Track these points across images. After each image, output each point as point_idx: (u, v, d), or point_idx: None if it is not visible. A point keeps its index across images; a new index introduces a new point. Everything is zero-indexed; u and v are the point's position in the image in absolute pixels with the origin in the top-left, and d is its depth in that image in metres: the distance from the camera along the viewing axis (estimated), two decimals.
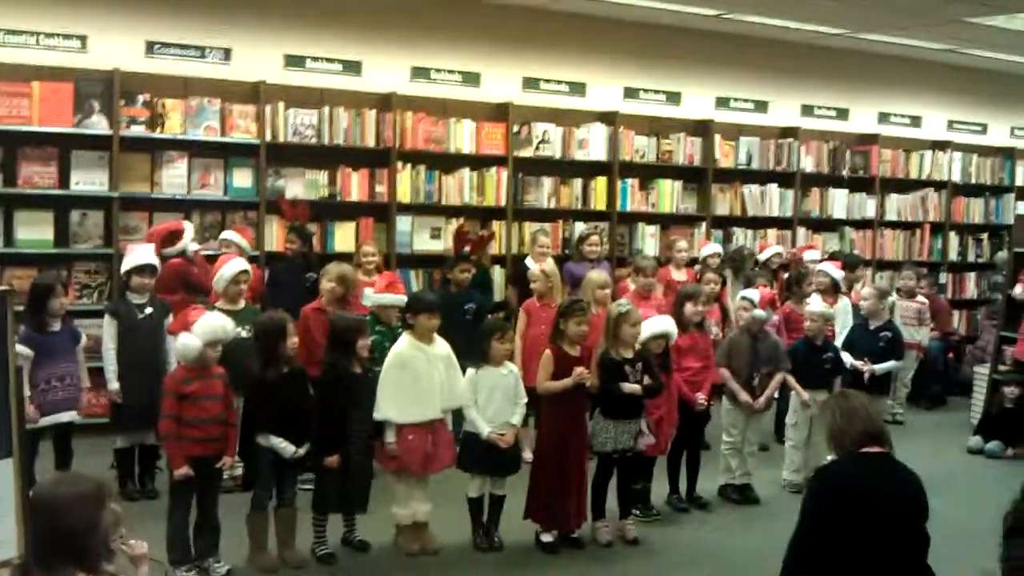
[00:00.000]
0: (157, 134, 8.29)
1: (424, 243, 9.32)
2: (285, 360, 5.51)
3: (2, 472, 2.73)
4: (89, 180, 8.07)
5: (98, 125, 8.05)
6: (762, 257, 9.79)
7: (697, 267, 9.07)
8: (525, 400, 6.03)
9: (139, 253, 6.72)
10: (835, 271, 8.81)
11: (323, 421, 5.63)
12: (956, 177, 12.48)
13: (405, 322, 6.06)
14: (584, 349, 6.06)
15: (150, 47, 8.51)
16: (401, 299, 6.55)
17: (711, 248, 9.26)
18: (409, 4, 9.48)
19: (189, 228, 7.59)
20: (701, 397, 6.78)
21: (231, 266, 6.66)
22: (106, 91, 8.06)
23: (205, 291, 7.06)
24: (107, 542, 3.19)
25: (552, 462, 5.96)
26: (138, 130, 8.20)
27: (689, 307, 6.89)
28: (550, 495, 5.96)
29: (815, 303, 7.75)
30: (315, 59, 9.15)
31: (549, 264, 7.91)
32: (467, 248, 8.08)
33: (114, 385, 6.53)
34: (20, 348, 5.98)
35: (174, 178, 8.38)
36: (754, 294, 7.33)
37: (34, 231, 7.93)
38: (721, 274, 8.81)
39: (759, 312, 7.14)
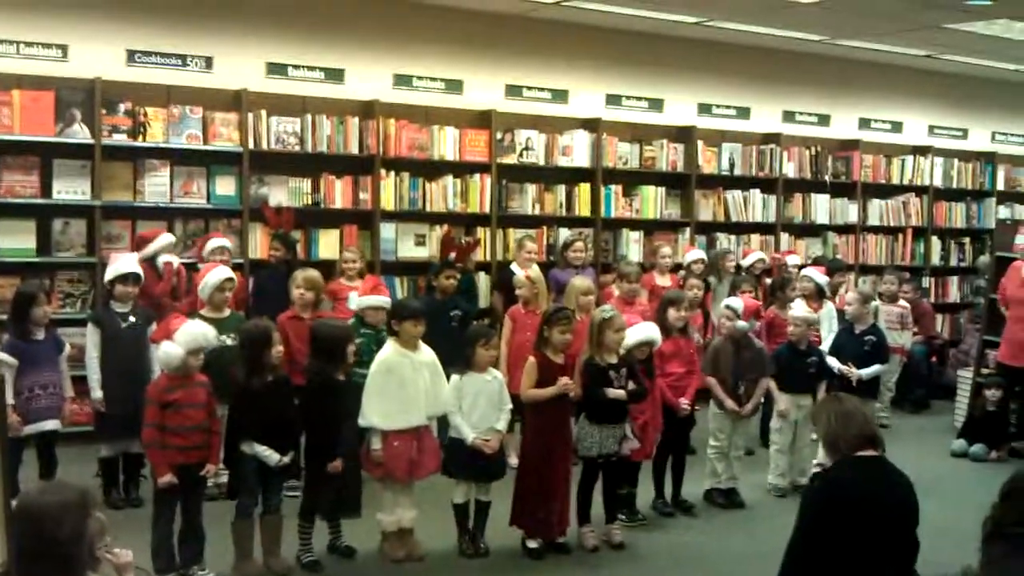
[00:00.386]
0: (139, 142, 8.26)
1: (408, 250, 9.32)
2: (270, 368, 5.50)
3: None
4: (71, 189, 8.05)
5: (80, 134, 8.03)
6: (745, 263, 9.82)
7: (681, 273, 9.09)
8: (510, 406, 6.02)
9: (122, 262, 6.70)
10: (819, 276, 8.85)
11: (311, 429, 5.63)
12: (937, 182, 12.54)
13: (390, 328, 6.05)
14: (568, 356, 6.07)
15: (131, 55, 8.49)
16: (386, 300, 6.59)
17: (695, 254, 9.29)
18: (391, 12, 9.48)
19: (164, 239, 7.46)
20: (685, 402, 6.79)
21: (216, 273, 6.64)
22: (87, 100, 8.04)
23: (156, 302, 6.99)
24: (92, 551, 3.18)
25: (536, 469, 5.96)
26: (120, 138, 8.18)
27: (672, 312, 6.89)
28: (535, 502, 5.95)
29: (798, 308, 7.76)
30: (297, 67, 9.14)
31: (534, 271, 7.92)
32: (453, 255, 8.08)
33: (97, 394, 6.50)
34: (3, 356, 5.98)
35: (156, 186, 8.35)
36: (738, 303, 7.31)
37: (16, 240, 7.90)
38: (705, 280, 8.83)
39: (741, 323, 7.15)
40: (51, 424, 6.34)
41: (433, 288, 7.90)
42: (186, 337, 5.33)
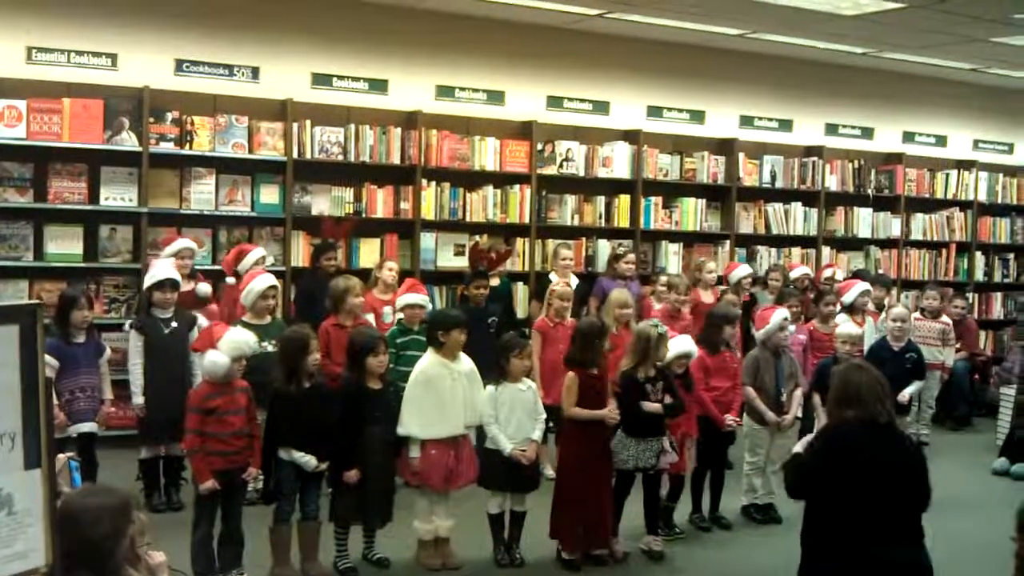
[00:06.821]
0: (186, 151, 8.38)
1: (448, 260, 9.38)
2: (308, 375, 5.56)
3: (31, 483, 2.77)
4: (118, 196, 8.18)
5: (128, 141, 8.16)
6: (792, 276, 9.65)
7: (722, 287, 9.00)
8: (544, 416, 6.05)
9: (159, 269, 6.78)
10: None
11: (338, 435, 5.64)
12: (982, 197, 12.42)
13: (432, 338, 6.06)
14: (601, 368, 6.08)
15: (179, 65, 8.62)
16: (425, 298, 6.82)
17: (742, 271, 9.19)
18: (434, 24, 9.55)
19: (179, 245, 7.49)
20: (730, 418, 6.76)
21: (260, 281, 6.70)
22: (136, 108, 8.17)
23: None
24: (134, 549, 3.25)
25: (575, 481, 5.95)
26: (167, 147, 8.30)
27: (728, 330, 6.88)
28: (574, 514, 5.95)
29: (845, 325, 7.70)
30: (341, 77, 9.24)
31: (563, 288, 7.78)
32: (484, 265, 8.07)
33: (139, 400, 6.57)
34: (45, 359, 6.05)
35: (202, 194, 8.48)
36: (784, 313, 7.27)
37: (64, 245, 8.05)
38: (751, 293, 8.79)
39: (791, 327, 7.19)
40: (88, 426, 6.43)
41: (467, 298, 7.88)
42: (230, 345, 5.38)
